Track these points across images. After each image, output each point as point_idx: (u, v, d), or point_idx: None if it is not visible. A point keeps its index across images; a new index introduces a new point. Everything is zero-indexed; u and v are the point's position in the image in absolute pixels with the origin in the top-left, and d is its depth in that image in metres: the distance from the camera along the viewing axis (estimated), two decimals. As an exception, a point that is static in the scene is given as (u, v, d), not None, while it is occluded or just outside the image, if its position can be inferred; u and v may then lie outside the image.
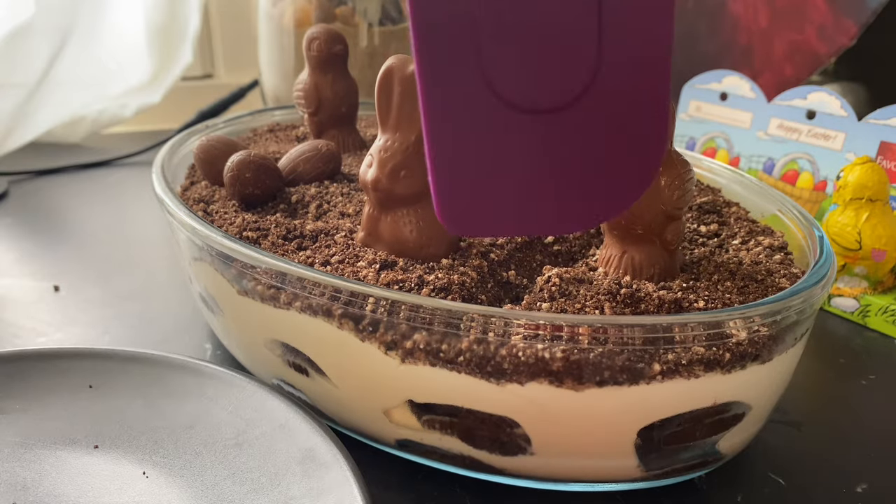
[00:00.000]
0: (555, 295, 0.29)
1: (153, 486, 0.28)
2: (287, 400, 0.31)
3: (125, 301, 0.46)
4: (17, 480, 0.28)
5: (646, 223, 0.29)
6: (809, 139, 0.54)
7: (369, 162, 0.31)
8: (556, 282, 0.29)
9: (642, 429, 0.28)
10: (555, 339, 0.26)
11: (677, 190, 0.29)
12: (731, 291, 0.29)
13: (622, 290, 0.28)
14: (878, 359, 0.42)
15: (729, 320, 0.26)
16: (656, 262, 0.30)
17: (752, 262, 0.32)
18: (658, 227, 0.29)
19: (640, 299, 0.28)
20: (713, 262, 0.32)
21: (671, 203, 0.29)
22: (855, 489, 0.31)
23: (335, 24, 0.65)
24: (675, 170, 0.29)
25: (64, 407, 0.32)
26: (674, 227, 0.29)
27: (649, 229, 0.29)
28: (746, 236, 0.35)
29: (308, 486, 0.27)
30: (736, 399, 0.28)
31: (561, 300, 0.28)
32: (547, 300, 0.29)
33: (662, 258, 0.30)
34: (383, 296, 0.27)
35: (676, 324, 0.26)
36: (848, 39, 0.62)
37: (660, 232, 0.29)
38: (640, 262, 0.30)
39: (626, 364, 0.26)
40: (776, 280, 0.31)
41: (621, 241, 0.30)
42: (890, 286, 0.46)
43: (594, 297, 0.28)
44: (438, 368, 0.27)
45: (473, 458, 0.30)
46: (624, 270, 0.30)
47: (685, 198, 0.29)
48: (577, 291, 0.29)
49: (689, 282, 0.30)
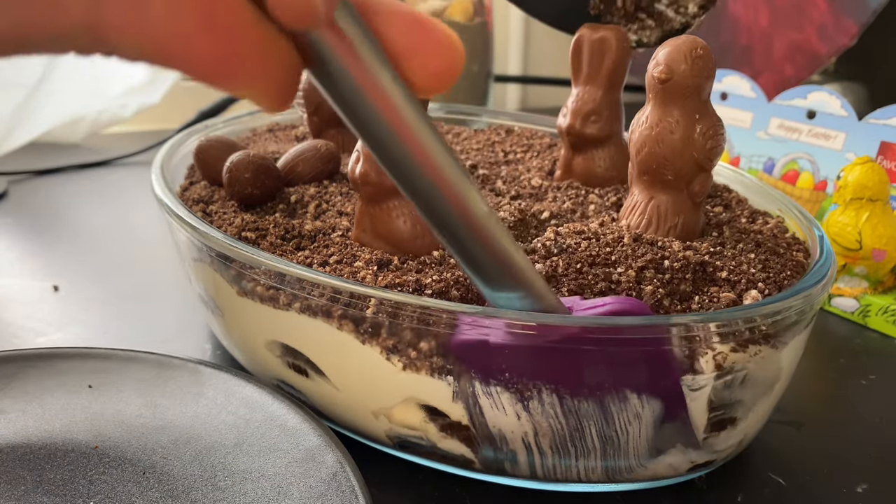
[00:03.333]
0: (551, 251, 0.29)
1: (153, 485, 0.28)
2: (287, 400, 0.31)
3: (125, 301, 0.46)
4: (18, 480, 0.28)
5: (676, 169, 0.30)
6: (810, 139, 0.54)
7: (356, 157, 0.31)
8: (551, 237, 0.30)
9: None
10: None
11: (710, 139, 0.30)
12: (755, 265, 0.30)
13: (648, 254, 0.28)
14: (879, 359, 0.42)
15: (727, 321, 0.26)
16: (681, 211, 0.30)
17: (772, 235, 0.33)
18: (688, 175, 0.30)
19: (665, 257, 0.28)
20: (736, 227, 0.32)
21: (703, 152, 0.29)
22: (855, 489, 0.31)
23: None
24: (711, 119, 0.30)
25: (64, 407, 0.32)
26: (702, 178, 0.30)
27: (679, 176, 0.30)
28: (751, 216, 0.36)
29: (308, 486, 0.27)
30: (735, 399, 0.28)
31: (558, 257, 0.28)
32: (542, 258, 0.29)
33: (687, 209, 0.31)
34: (384, 297, 0.27)
35: (678, 324, 0.26)
36: (848, 39, 0.62)
37: (689, 181, 0.30)
38: (665, 209, 0.30)
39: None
40: (794, 255, 0.31)
41: (650, 187, 0.31)
42: (890, 286, 0.46)
43: (608, 254, 0.28)
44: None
45: (465, 457, 0.30)
46: (648, 217, 0.30)
47: (716, 150, 0.30)
48: (580, 246, 0.29)
49: (717, 246, 0.30)
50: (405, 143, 0.18)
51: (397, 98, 0.17)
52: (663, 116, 0.30)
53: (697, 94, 0.29)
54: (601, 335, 0.25)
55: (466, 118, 0.55)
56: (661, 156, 0.30)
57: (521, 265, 0.23)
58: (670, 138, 0.29)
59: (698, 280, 0.29)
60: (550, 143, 0.47)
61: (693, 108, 0.30)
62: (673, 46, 0.30)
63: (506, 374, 0.26)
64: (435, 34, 0.17)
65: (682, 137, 0.29)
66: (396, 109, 0.18)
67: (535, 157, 0.45)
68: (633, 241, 0.30)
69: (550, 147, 0.46)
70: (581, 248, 0.30)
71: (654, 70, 0.30)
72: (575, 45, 0.38)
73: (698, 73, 0.29)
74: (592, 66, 0.37)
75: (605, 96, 0.38)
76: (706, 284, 0.29)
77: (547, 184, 0.38)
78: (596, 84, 0.38)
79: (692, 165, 0.30)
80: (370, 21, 0.17)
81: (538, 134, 0.49)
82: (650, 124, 0.30)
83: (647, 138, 0.30)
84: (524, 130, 0.50)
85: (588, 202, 0.37)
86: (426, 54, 0.17)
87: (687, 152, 0.29)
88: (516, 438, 0.28)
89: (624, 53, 0.37)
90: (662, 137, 0.29)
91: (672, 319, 0.26)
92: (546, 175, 0.41)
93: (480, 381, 0.27)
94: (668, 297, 0.28)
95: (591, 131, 0.38)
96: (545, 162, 0.43)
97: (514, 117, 0.54)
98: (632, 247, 0.29)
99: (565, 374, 0.27)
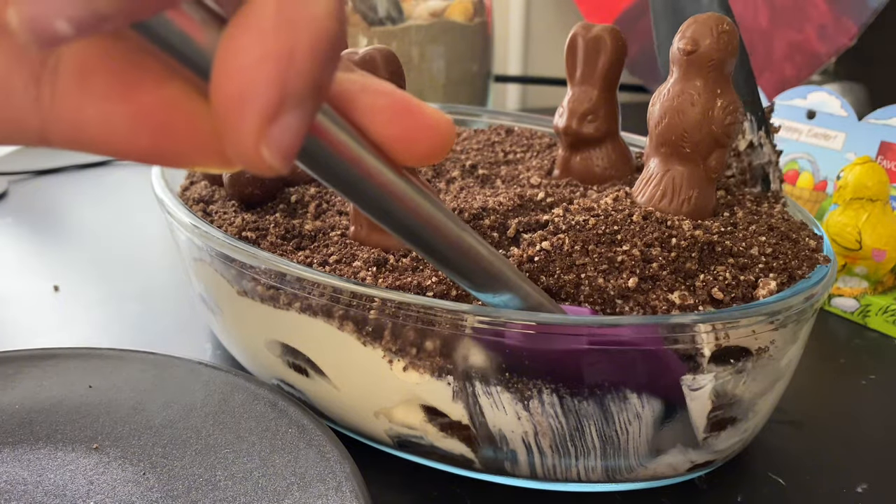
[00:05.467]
0: (559, 227, 0.29)
1: (153, 485, 0.28)
2: (287, 400, 0.31)
3: (125, 301, 0.46)
4: (18, 480, 0.28)
5: (695, 142, 0.30)
6: (810, 139, 0.54)
7: None
8: (560, 213, 0.30)
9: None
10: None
11: (730, 115, 0.30)
12: (764, 248, 0.30)
13: (655, 232, 0.29)
14: (879, 359, 0.42)
15: (727, 321, 0.26)
16: (696, 185, 0.31)
17: (783, 219, 0.33)
18: (705, 149, 0.30)
19: (672, 235, 0.28)
20: (750, 209, 0.32)
21: (722, 127, 0.30)
22: (855, 489, 0.31)
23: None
24: (732, 96, 0.30)
25: (64, 407, 0.32)
26: (719, 154, 0.30)
27: (696, 149, 0.30)
28: (755, 199, 0.36)
29: (308, 486, 0.27)
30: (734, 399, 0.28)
31: (565, 234, 0.29)
32: (551, 235, 0.29)
33: (702, 184, 0.31)
34: (385, 297, 0.27)
35: (678, 324, 0.26)
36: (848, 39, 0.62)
37: (706, 155, 0.30)
38: (680, 181, 0.31)
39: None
40: (807, 241, 0.31)
41: (667, 160, 0.31)
42: (890, 286, 0.46)
43: (615, 232, 0.29)
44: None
45: (465, 457, 0.30)
46: (663, 189, 0.31)
47: (734, 127, 0.30)
48: (587, 223, 0.29)
49: (728, 226, 0.30)
50: (394, 204, 0.18)
51: (381, 174, 0.17)
52: (685, 88, 0.30)
53: (720, 69, 0.30)
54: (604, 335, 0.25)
55: (466, 118, 0.55)
56: (681, 127, 0.30)
57: (503, 270, 0.23)
58: (691, 110, 0.30)
59: (705, 259, 0.29)
60: (550, 142, 0.47)
61: (715, 82, 0.30)
62: (699, 21, 0.30)
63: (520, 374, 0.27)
64: (419, 120, 0.17)
65: (702, 110, 0.30)
66: (380, 180, 0.17)
67: (535, 156, 0.45)
68: (642, 218, 0.30)
69: (550, 147, 0.46)
70: (589, 225, 0.30)
71: (679, 42, 0.30)
72: (569, 44, 0.38)
73: (723, 48, 0.30)
74: (587, 66, 0.37)
75: (601, 95, 0.38)
76: (713, 264, 0.29)
77: (545, 182, 0.38)
78: (591, 83, 0.38)
79: (710, 140, 0.30)
80: (351, 115, 0.17)
81: (538, 134, 0.49)
82: (672, 96, 0.30)
83: (668, 109, 0.30)
84: (524, 130, 0.50)
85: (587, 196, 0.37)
86: (411, 141, 0.17)
87: (706, 125, 0.30)
88: (516, 438, 0.28)
89: (619, 52, 0.37)
90: (683, 109, 0.30)
91: (672, 320, 0.26)
92: (545, 174, 0.41)
93: (481, 381, 0.27)
94: (671, 275, 0.28)
95: (588, 131, 0.38)
96: (544, 162, 0.43)
97: (514, 117, 0.54)
98: (640, 224, 0.29)
99: (568, 373, 0.27)
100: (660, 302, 0.27)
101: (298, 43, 0.13)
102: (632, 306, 0.28)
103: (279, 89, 0.13)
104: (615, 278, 0.28)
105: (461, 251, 0.21)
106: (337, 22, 0.13)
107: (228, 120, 0.13)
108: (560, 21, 1.01)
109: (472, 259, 0.22)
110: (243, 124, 0.13)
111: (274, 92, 0.13)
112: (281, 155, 0.14)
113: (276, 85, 0.13)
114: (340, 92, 0.16)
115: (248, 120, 0.13)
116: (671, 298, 0.27)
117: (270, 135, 0.13)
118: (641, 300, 0.28)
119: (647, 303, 0.28)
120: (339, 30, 0.13)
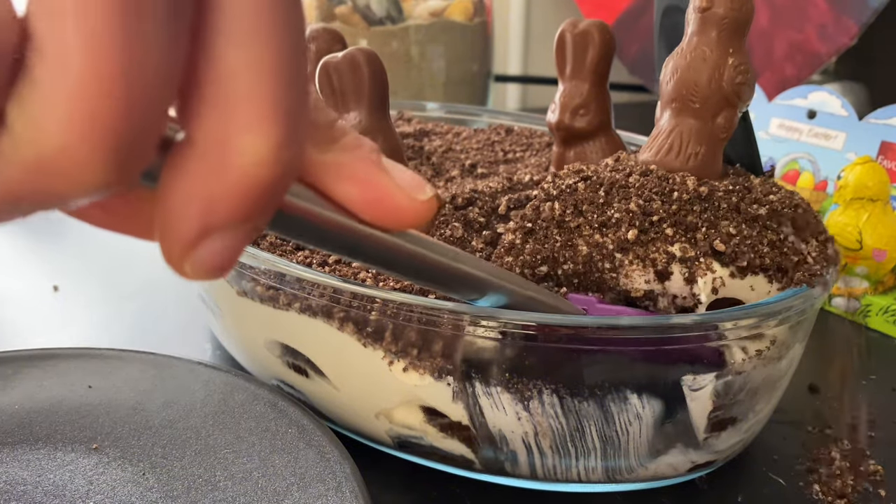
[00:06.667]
0: (550, 194, 0.29)
1: (153, 486, 0.28)
2: (287, 400, 0.31)
3: (125, 301, 0.46)
4: (17, 480, 0.28)
5: (703, 97, 0.30)
6: (810, 139, 0.54)
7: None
8: (549, 179, 0.30)
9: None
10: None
11: (741, 74, 0.30)
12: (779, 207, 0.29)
13: (656, 188, 0.28)
14: (879, 359, 0.42)
15: (727, 321, 0.26)
16: (704, 142, 0.31)
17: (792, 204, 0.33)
18: (714, 106, 0.30)
19: (674, 189, 0.28)
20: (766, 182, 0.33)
21: (731, 85, 0.30)
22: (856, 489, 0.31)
23: (335, 24, 0.65)
24: (744, 57, 0.30)
25: (63, 407, 0.32)
26: (728, 113, 0.30)
27: (705, 105, 0.30)
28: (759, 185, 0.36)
29: (308, 486, 0.27)
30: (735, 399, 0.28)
31: (554, 200, 0.29)
32: (551, 198, 0.29)
33: (710, 142, 0.31)
34: (385, 298, 0.27)
35: (677, 324, 0.26)
36: (849, 39, 0.62)
37: (714, 113, 0.30)
38: (688, 136, 0.31)
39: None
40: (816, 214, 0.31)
41: (676, 115, 0.31)
42: (891, 286, 0.46)
43: (610, 188, 0.29)
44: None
45: (466, 458, 0.30)
46: (670, 143, 0.31)
47: (745, 88, 0.30)
48: (577, 188, 0.29)
49: (738, 185, 0.30)
50: (368, 249, 0.18)
51: (353, 233, 0.17)
52: (699, 45, 0.30)
53: (734, 28, 0.30)
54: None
55: (466, 118, 0.55)
56: (692, 81, 0.30)
57: (486, 279, 0.23)
58: (702, 66, 0.30)
59: (710, 216, 0.29)
60: (549, 142, 0.47)
61: (728, 41, 0.30)
62: None
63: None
64: (392, 208, 0.16)
65: (713, 66, 0.30)
66: (357, 238, 0.17)
67: (534, 155, 0.45)
68: (642, 175, 0.30)
69: (549, 146, 0.46)
70: (580, 189, 0.30)
71: (695, 1, 0.31)
72: (558, 41, 0.38)
73: (737, 8, 0.30)
74: (577, 61, 0.38)
75: (591, 89, 0.38)
76: (719, 220, 0.29)
77: (539, 177, 0.38)
78: (582, 78, 0.38)
79: (719, 97, 0.30)
80: (327, 192, 0.16)
81: (537, 133, 0.49)
82: (685, 52, 0.31)
83: (680, 64, 0.31)
84: (524, 130, 0.50)
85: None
86: (386, 223, 0.17)
87: (716, 82, 0.30)
88: (516, 438, 0.28)
89: (607, 46, 0.37)
90: (695, 64, 0.30)
91: (672, 320, 0.26)
92: (542, 171, 0.41)
93: (481, 382, 0.27)
94: (671, 227, 0.28)
95: (581, 125, 0.38)
96: (543, 160, 0.43)
97: (514, 117, 0.54)
98: (640, 181, 0.29)
99: (567, 372, 0.27)
100: (659, 254, 0.27)
101: (223, 191, 0.13)
102: (631, 259, 0.28)
103: (200, 227, 0.13)
104: (613, 232, 0.28)
105: (446, 275, 0.21)
106: (271, 168, 0.13)
107: (158, 236, 0.14)
108: (560, 21, 1.00)
109: (455, 279, 0.22)
110: (167, 246, 0.14)
111: (195, 227, 0.13)
112: (207, 272, 0.14)
113: (198, 224, 0.13)
114: (314, 178, 0.16)
115: (171, 246, 0.13)
116: (671, 251, 0.27)
117: (194, 256, 0.13)
118: (641, 253, 0.28)
119: (646, 255, 0.28)
120: (276, 174, 0.13)
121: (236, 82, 0.13)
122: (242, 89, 0.13)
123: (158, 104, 0.12)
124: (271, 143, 0.13)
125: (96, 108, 0.11)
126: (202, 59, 0.13)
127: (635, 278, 0.28)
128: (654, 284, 0.28)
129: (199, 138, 0.13)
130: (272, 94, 0.13)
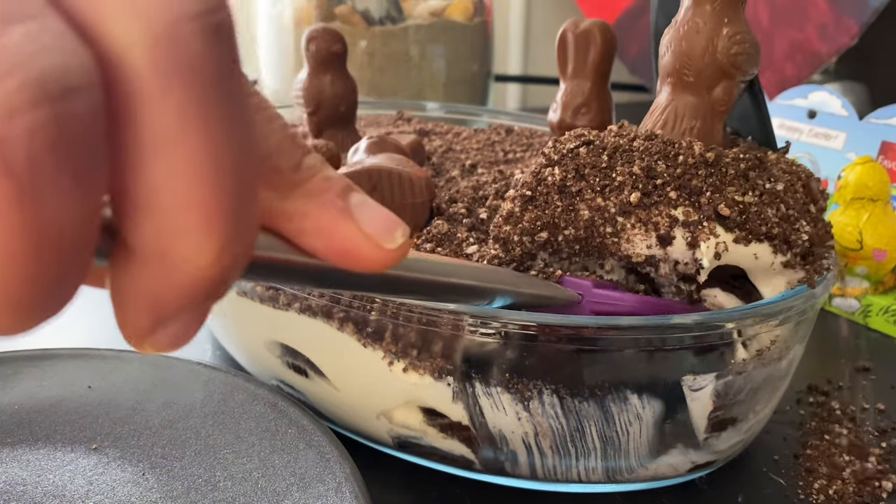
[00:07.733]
0: (552, 158, 0.29)
1: (152, 486, 0.28)
2: (287, 401, 0.31)
3: (125, 301, 0.46)
4: (17, 480, 0.28)
5: (696, 70, 0.29)
6: (810, 139, 0.54)
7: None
8: (550, 145, 0.30)
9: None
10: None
11: (737, 45, 0.29)
12: (792, 188, 0.29)
13: (660, 152, 0.28)
14: (879, 359, 0.42)
15: (728, 321, 0.26)
16: (699, 116, 0.30)
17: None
18: (709, 78, 0.29)
19: (679, 153, 0.28)
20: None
21: (727, 56, 0.29)
22: (856, 490, 0.31)
23: (335, 24, 0.65)
24: (741, 26, 0.29)
25: (63, 407, 0.32)
26: (727, 85, 0.29)
27: (700, 78, 0.29)
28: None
29: (308, 486, 0.27)
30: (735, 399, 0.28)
31: (555, 166, 0.29)
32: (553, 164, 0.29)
33: (706, 115, 0.30)
34: (385, 298, 0.27)
35: (677, 325, 0.26)
36: (849, 39, 0.62)
37: (711, 85, 0.29)
38: (683, 111, 0.30)
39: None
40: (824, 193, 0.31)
41: (672, 90, 0.30)
42: (891, 286, 0.46)
43: (613, 152, 0.28)
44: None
45: (466, 458, 0.30)
46: (665, 119, 0.30)
47: (743, 58, 0.29)
48: (578, 153, 0.29)
49: (748, 154, 0.29)
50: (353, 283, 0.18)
51: (329, 272, 0.17)
52: (692, 17, 0.29)
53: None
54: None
55: (466, 118, 0.55)
56: (684, 54, 0.29)
57: (488, 287, 0.24)
58: (695, 38, 0.29)
59: (716, 182, 0.28)
60: (550, 142, 0.47)
61: (724, 11, 0.29)
62: None
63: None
64: (358, 258, 0.16)
65: (706, 37, 0.29)
66: (334, 277, 0.17)
67: (534, 155, 0.45)
68: (646, 139, 0.29)
69: (550, 147, 0.46)
70: (581, 154, 0.29)
71: None
72: (560, 40, 0.38)
73: None
74: (578, 60, 0.38)
75: (593, 88, 0.38)
76: (723, 186, 0.28)
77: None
78: (583, 77, 0.38)
79: (714, 68, 0.29)
80: (292, 242, 0.16)
81: (538, 133, 0.49)
82: (678, 25, 0.30)
83: (674, 37, 0.30)
84: (524, 130, 0.50)
85: None
86: (357, 268, 0.16)
87: (710, 54, 0.29)
88: (516, 439, 0.28)
89: (608, 45, 0.37)
90: (688, 36, 0.29)
91: (672, 320, 0.26)
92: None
93: (481, 382, 0.27)
94: (675, 191, 0.28)
95: (582, 123, 0.38)
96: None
97: (514, 117, 0.54)
98: (644, 145, 0.29)
99: (567, 372, 0.27)
100: (662, 218, 0.27)
101: (168, 291, 0.13)
102: (633, 223, 0.27)
103: (152, 321, 0.13)
104: (615, 195, 0.27)
105: (434, 289, 0.21)
106: (216, 268, 0.12)
107: (116, 320, 0.14)
108: (560, 21, 1.00)
109: (444, 292, 0.22)
110: (124, 333, 0.14)
111: (147, 321, 0.13)
112: (168, 349, 0.14)
113: (148, 319, 0.13)
114: (277, 228, 0.16)
115: (127, 333, 0.14)
116: (674, 214, 0.27)
117: (151, 341, 0.14)
118: (643, 216, 0.27)
119: (648, 219, 0.27)
120: (223, 270, 0.13)
121: (166, 193, 0.12)
122: (173, 199, 0.12)
123: (75, 250, 0.12)
124: (212, 247, 0.12)
125: (3, 277, 0.11)
126: (129, 173, 0.12)
127: (637, 243, 0.27)
128: (655, 249, 0.27)
129: (137, 246, 0.12)
130: (206, 199, 0.12)
